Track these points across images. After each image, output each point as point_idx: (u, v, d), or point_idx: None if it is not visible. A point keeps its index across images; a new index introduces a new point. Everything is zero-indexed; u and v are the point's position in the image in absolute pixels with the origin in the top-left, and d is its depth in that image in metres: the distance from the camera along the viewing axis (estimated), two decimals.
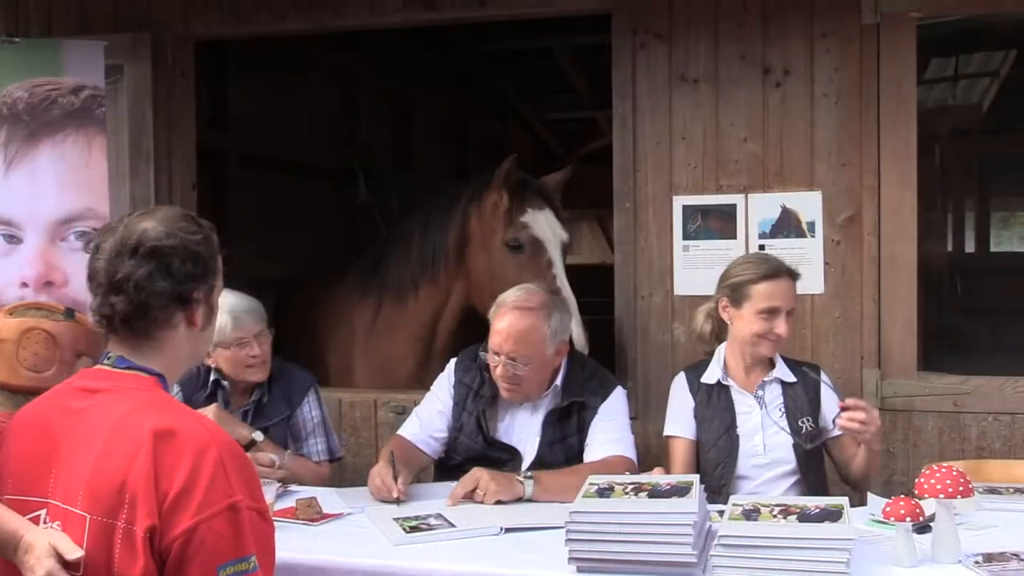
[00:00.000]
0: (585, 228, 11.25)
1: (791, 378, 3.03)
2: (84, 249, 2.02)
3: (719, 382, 3.04)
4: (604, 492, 2.33)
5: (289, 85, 6.25)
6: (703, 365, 3.11)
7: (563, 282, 3.87)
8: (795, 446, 2.95)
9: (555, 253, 3.96)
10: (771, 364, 3.04)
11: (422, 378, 3.97)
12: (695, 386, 3.08)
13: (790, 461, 2.95)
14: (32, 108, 3.85)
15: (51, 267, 3.79)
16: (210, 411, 2.96)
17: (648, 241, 3.77)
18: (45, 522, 1.79)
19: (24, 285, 3.75)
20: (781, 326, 2.95)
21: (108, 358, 1.90)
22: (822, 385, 3.04)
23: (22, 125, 3.84)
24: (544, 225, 3.99)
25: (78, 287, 3.75)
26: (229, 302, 3.10)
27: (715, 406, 3.03)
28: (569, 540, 2.21)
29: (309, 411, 3.32)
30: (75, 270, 3.75)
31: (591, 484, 2.38)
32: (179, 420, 1.78)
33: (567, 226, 4.10)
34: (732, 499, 2.41)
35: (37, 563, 1.70)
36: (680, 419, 3.08)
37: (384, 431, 3.86)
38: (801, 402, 3.00)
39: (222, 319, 3.03)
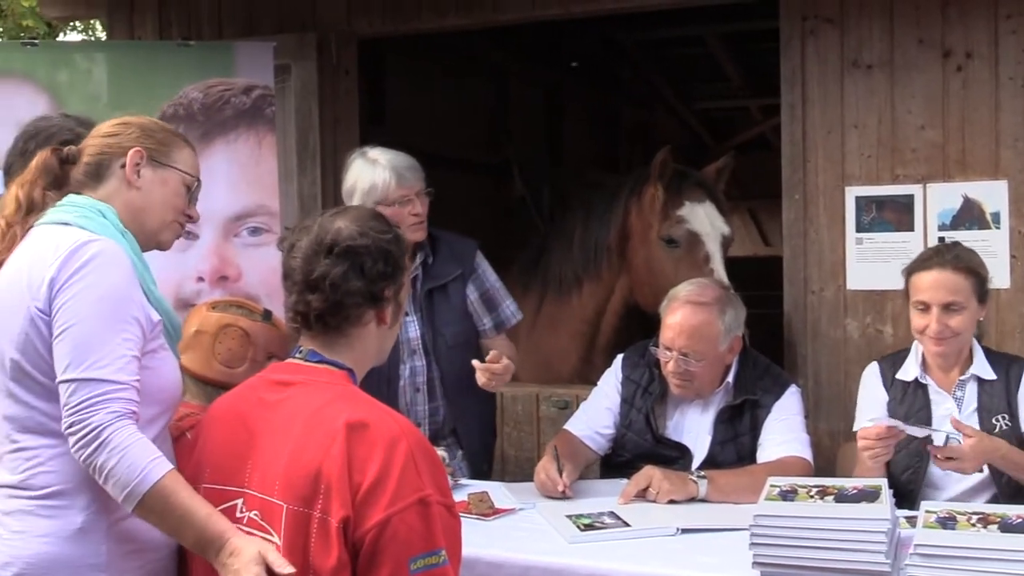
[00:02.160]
0: (737, 220, 11.04)
1: (990, 375, 2.80)
2: (278, 247, 2.07)
3: (916, 380, 2.85)
4: (787, 495, 2.25)
5: (442, 79, 6.31)
6: (900, 357, 2.91)
7: (722, 277, 3.78)
8: None
9: (713, 247, 3.87)
10: (969, 360, 2.82)
11: (585, 373, 3.94)
12: (888, 380, 2.90)
13: (983, 471, 2.72)
14: (206, 108, 3.97)
15: (225, 262, 3.91)
16: None
17: (819, 234, 3.65)
18: (241, 511, 1.84)
19: (200, 279, 3.88)
20: (933, 323, 2.73)
21: (300, 352, 1.95)
22: None
23: (197, 125, 3.95)
24: (703, 218, 3.91)
25: (251, 282, 3.88)
26: (390, 159, 3.07)
27: (910, 405, 2.84)
28: (753, 544, 2.14)
29: (493, 275, 3.27)
30: (248, 265, 3.88)
31: (773, 486, 2.31)
32: (371, 413, 1.81)
33: (729, 219, 4.01)
34: (924, 505, 2.29)
35: (244, 568, 1.73)
36: (873, 413, 2.87)
37: (546, 426, 3.85)
38: (998, 399, 2.77)
39: (384, 176, 3.02)
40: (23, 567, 1.85)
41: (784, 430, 2.91)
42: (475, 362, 2.93)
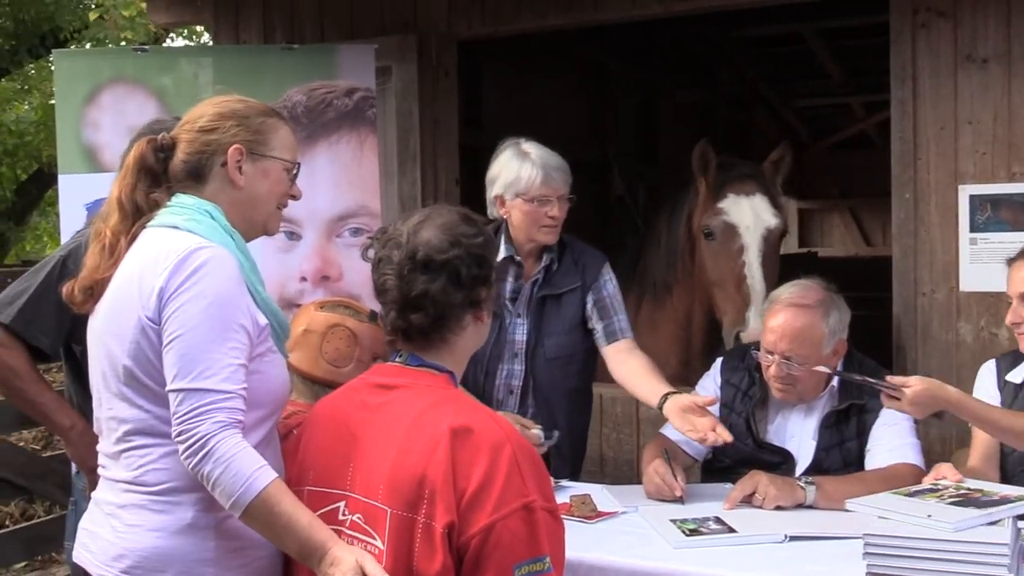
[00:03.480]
0: (838, 219, 10.80)
1: None
2: (363, 257, 2.08)
3: None
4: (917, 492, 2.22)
5: (538, 78, 6.30)
6: (1020, 356, 2.80)
7: (752, 270, 3.69)
8: None
9: (750, 239, 3.77)
10: None
11: (685, 376, 3.88)
12: (1001, 380, 2.80)
13: None
14: (310, 111, 4.02)
15: (327, 262, 3.96)
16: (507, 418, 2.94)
17: (930, 233, 3.53)
18: (344, 514, 1.85)
19: (303, 279, 3.94)
20: (1010, 314, 2.70)
21: (400, 356, 1.96)
22: None
23: (301, 127, 3.99)
24: (745, 210, 3.82)
25: (352, 281, 3.92)
26: (541, 156, 3.04)
27: (1020, 408, 2.72)
28: (868, 554, 2.08)
29: (613, 287, 3.19)
30: (350, 265, 3.92)
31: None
32: (475, 417, 1.81)
33: (782, 211, 3.89)
34: None
35: None
36: None
37: (646, 428, 3.81)
38: None
39: (531, 171, 3.01)
40: (136, 560, 1.89)
41: (893, 436, 2.82)
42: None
